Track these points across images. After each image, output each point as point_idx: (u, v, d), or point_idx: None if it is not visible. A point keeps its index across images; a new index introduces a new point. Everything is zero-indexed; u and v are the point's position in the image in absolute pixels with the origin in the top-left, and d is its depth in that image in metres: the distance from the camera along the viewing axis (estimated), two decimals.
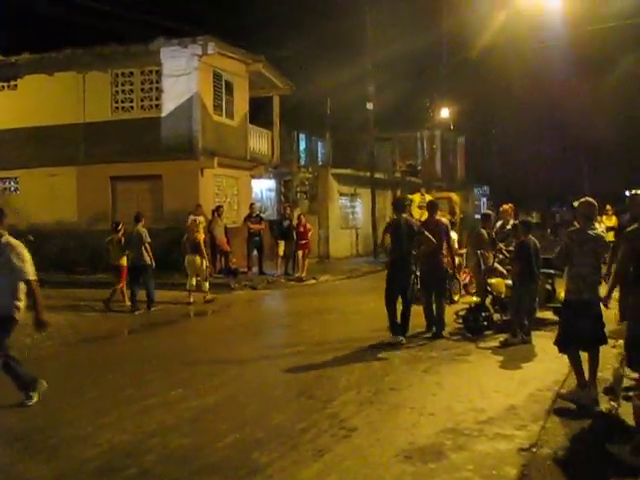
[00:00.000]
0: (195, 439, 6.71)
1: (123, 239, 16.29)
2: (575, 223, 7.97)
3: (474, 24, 29.74)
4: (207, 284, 17.12)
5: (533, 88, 48.73)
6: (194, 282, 16.99)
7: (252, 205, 23.44)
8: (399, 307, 11.66)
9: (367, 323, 13.17)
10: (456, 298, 15.20)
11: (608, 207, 25.38)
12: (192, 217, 20.17)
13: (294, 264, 22.25)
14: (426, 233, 11.76)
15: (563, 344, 7.91)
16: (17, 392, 7.96)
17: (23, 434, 6.97)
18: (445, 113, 39.35)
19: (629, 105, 48.41)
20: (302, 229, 21.94)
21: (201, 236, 17.19)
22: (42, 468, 6.01)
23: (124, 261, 16.23)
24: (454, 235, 15.22)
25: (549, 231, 41.69)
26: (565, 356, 8.09)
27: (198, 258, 16.92)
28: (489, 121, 48.91)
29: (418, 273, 12.53)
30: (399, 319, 11.46)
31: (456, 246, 15.60)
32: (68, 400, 8.24)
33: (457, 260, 14.76)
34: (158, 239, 20.10)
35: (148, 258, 15.59)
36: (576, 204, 8.19)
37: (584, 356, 7.84)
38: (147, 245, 15.60)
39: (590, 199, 8.00)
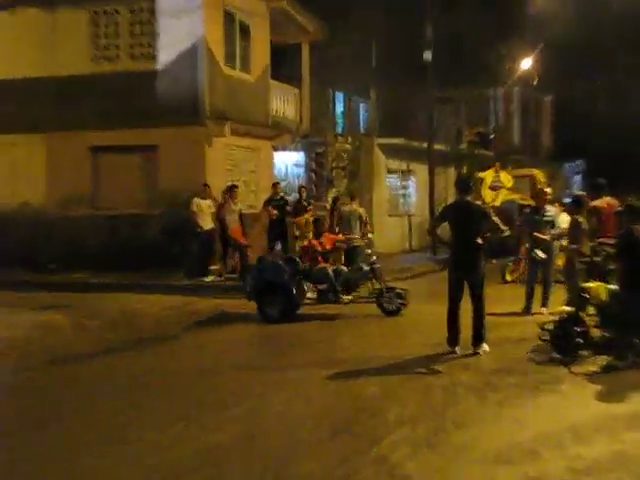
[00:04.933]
0: None
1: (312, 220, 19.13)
2: None
3: None
4: None
5: None
6: None
7: (275, 185, 23.27)
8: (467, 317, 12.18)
9: (424, 338, 13.25)
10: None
11: None
12: (197, 200, 20.82)
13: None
14: (495, 219, 12.47)
15: None
16: None
17: None
18: (527, 64, 38.25)
19: None
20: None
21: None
22: None
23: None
24: None
25: None
26: None
27: None
28: (588, 71, 46.81)
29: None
30: (472, 330, 12.22)
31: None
32: (29, 437, 8.30)
33: None
34: (151, 229, 21.68)
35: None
36: None
37: None
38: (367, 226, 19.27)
39: None
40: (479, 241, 12.16)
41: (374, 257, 16.99)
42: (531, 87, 42.17)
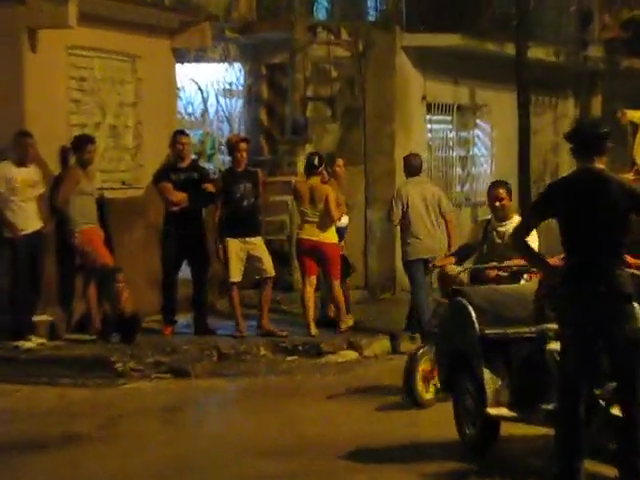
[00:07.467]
0: None
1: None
2: None
3: None
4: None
5: None
6: None
7: (179, 137, 16.92)
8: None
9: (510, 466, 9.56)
10: None
11: None
12: (5, 167, 15.62)
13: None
14: None
15: None
16: None
17: None
18: None
19: None
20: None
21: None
22: None
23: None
24: None
25: None
26: None
27: None
28: None
29: None
30: (620, 455, 8.06)
31: None
32: None
33: None
34: None
35: None
36: None
37: None
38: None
39: None
40: (627, 258, 8.34)
41: None
42: None
